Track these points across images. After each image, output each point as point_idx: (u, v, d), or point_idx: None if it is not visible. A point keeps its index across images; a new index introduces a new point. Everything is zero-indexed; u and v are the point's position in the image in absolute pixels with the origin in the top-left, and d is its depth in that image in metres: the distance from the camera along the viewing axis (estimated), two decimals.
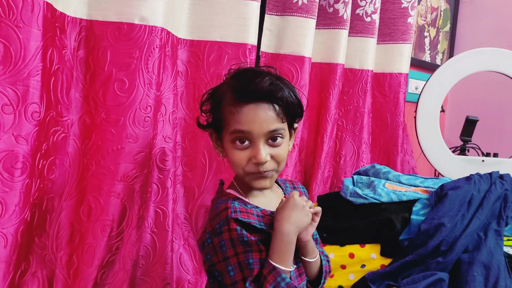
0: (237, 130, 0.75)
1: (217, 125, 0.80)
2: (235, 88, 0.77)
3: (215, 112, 0.80)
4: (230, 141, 0.76)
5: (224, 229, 0.74)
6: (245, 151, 0.76)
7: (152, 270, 0.99)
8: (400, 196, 1.16)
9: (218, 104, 0.79)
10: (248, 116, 0.74)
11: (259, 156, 0.74)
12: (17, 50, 0.77)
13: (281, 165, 0.80)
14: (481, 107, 2.12)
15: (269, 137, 0.76)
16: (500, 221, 1.09)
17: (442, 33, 2.27)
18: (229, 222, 0.74)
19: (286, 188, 0.90)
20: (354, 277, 1.07)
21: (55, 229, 0.92)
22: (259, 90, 0.74)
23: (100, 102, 0.94)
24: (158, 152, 0.99)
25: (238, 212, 0.75)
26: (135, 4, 0.93)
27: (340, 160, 1.57)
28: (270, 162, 0.77)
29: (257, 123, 0.74)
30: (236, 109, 0.75)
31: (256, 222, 0.76)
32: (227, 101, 0.77)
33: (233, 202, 0.77)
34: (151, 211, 0.99)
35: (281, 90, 0.76)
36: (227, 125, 0.76)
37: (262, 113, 0.75)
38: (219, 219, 0.75)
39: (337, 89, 1.47)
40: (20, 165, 0.78)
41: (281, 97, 0.76)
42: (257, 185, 0.78)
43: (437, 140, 1.59)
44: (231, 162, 0.79)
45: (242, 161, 0.76)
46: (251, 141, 0.75)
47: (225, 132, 0.77)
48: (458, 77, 1.59)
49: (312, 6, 1.30)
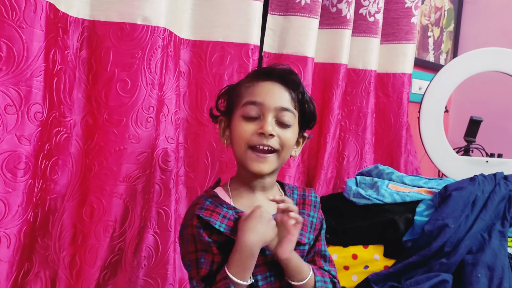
0: (249, 101, 0.77)
1: (230, 107, 0.81)
2: (253, 71, 0.83)
3: (229, 96, 0.82)
4: (240, 114, 0.77)
5: (188, 224, 0.76)
6: (253, 123, 0.76)
7: (155, 270, 0.99)
8: (403, 197, 1.16)
9: (235, 86, 0.82)
10: (263, 89, 0.77)
11: (266, 126, 0.75)
12: (20, 50, 0.77)
13: (285, 150, 0.78)
14: (485, 107, 2.10)
15: (279, 116, 0.77)
16: (504, 222, 1.08)
17: (446, 33, 2.26)
18: (193, 217, 0.75)
19: (292, 195, 0.86)
20: (357, 278, 1.07)
21: (57, 229, 0.92)
22: (276, 71, 0.79)
23: (102, 103, 0.94)
24: (161, 153, 0.99)
25: (203, 209, 0.75)
26: (138, 4, 0.93)
27: (343, 160, 1.57)
28: (275, 139, 0.76)
29: (270, 96, 0.77)
30: (252, 83, 0.79)
31: (217, 223, 0.74)
32: (244, 81, 0.81)
33: (206, 199, 0.77)
34: (153, 211, 0.99)
35: (296, 77, 0.80)
36: (241, 99, 0.78)
37: (277, 89, 0.78)
38: (189, 213, 0.78)
39: (340, 89, 1.47)
40: (23, 166, 0.78)
41: (295, 82, 0.79)
42: (254, 167, 0.76)
43: (440, 140, 1.59)
44: (235, 135, 0.77)
45: (247, 131, 0.76)
46: (262, 115, 0.76)
47: (237, 109, 0.78)
48: (462, 77, 1.59)
49: (315, 6, 1.30)
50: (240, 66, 1.11)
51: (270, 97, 0.76)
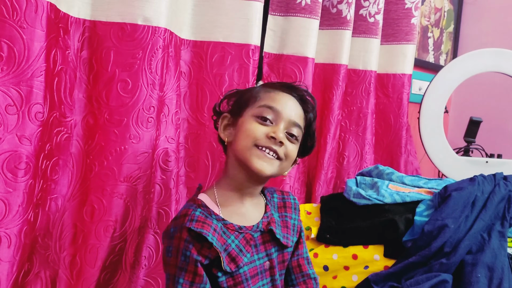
0: (268, 105, 0.79)
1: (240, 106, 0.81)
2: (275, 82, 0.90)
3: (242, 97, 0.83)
4: (253, 114, 0.78)
5: (176, 236, 0.73)
6: (265, 127, 0.77)
7: (155, 271, 0.99)
8: (403, 197, 1.16)
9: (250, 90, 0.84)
10: (282, 98, 0.80)
11: (278, 132, 0.77)
12: (21, 50, 0.77)
13: (287, 161, 0.79)
14: (485, 108, 2.11)
15: (291, 128, 0.79)
16: (504, 223, 1.08)
17: (445, 34, 2.27)
18: (182, 230, 0.72)
19: (273, 198, 0.87)
20: (357, 278, 1.07)
21: (58, 229, 0.93)
22: (297, 88, 0.83)
23: (103, 103, 0.94)
24: (161, 153, 0.99)
25: (194, 221, 0.72)
26: (138, 4, 0.93)
27: (343, 161, 1.57)
28: (282, 148, 0.78)
29: (288, 107, 0.80)
30: (274, 90, 0.82)
31: (209, 234, 0.72)
32: (265, 86, 0.84)
33: (196, 209, 0.75)
34: (154, 211, 0.99)
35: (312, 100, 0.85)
36: (258, 100, 0.80)
37: (294, 104, 0.81)
38: (176, 224, 0.74)
39: (340, 89, 1.47)
40: (24, 166, 0.78)
41: (311, 104, 0.84)
42: (257, 165, 0.75)
43: (440, 141, 1.59)
44: (244, 131, 0.77)
45: (258, 132, 0.76)
46: (274, 122, 0.78)
47: (251, 107, 0.80)
48: (462, 78, 1.59)
49: (315, 6, 1.30)
50: (241, 67, 1.11)
51: (287, 108, 0.79)
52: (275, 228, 0.81)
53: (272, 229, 0.80)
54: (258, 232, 0.79)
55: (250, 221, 0.79)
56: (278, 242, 0.81)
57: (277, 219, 0.83)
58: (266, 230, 0.80)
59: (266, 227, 0.80)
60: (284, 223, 0.84)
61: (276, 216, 0.84)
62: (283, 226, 0.84)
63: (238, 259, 0.75)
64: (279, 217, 0.85)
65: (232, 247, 0.75)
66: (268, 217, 0.82)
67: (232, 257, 0.74)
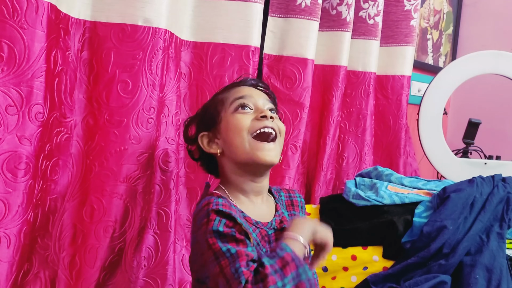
0: (237, 96, 0.80)
1: (211, 119, 0.82)
2: (228, 84, 0.88)
3: (206, 112, 0.84)
4: (232, 111, 0.79)
5: (203, 222, 0.70)
6: (249, 114, 0.79)
7: (154, 271, 0.99)
8: (402, 199, 1.16)
9: (210, 103, 0.85)
10: (244, 89, 0.83)
11: (265, 111, 0.78)
12: (21, 51, 0.77)
13: (281, 136, 0.81)
14: (483, 109, 2.11)
15: (268, 106, 0.81)
16: (503, 224, 1.09)
17: (445, 36, 2.27)
18: (209, 214, 0.70)
19: (280, 197, 0.88)
20: (356, 279, 1.07)
21: (57, 230, 0.93)
22: (252, 79, 0.87)
23: (103, 103, 0.94)
24: (161, 154, 1.00)
25: (220, 205, 0.71)
26: (139, 5, 0.93)
27: (343, 162, 1.57)
28: (276, 122, 0.79)
29: (254, 92, 0.82)
30: (232, 87, 0.84)
31: (237, 217, 0.70)
32: (220, 93, 0.85)
33: (217, 198, 0.73)
34: (153, 212, 0.99)
35: (266, 84, 0.88)
36: (225, 101, 0.81)
37: (255, 90, 0.84)
38: (201, 214, 0.72)
39: (339, 91, 1.47)
40: (24, 166, 0.78)
41: (267, 86, 0.87)
42: (266, 156, 0.76)
43: (439, 142, 1.59)
44: (233, 129, 0.78)
45: (246, 121, 0.78)
46: (254, 106, 0.80)
47: (224, 111, 0.80)
48: (461, 80, 1.59)
49: (315, 8, 1.30)
50: (241, 68, 1.12)
51: (254, 93, 0.82)
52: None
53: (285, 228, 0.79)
54: (272, 230, 0.80)
55: (263, 218, 0.80)
56: None
57: (287, 218, 0.85)
58: (279, 228, 0.81)
59: (279, 225, 0.82)
60: None
61: (286, 215, 0.86)
62: None
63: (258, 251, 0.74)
64: (289, 216, 0.86)
65: (254, 237, 0.75)
66: (279, 216, 0.83)
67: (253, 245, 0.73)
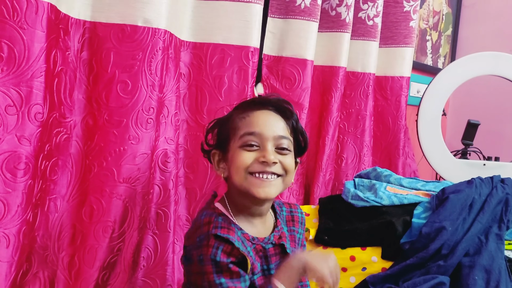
0: (248, 132, 0.77)
1: (224, 140, 0.80)
2: (245, 102, 0.83)
3: (222, 129, 0.82)
4: (239, 146, 0.77)
5: (203, 244, 0.73)
6: (253, 152, 0.77)
7: (153, 271, 1.00)
8: (401, 199, 1.16)
9: (228, 118, 0.82)
10: (259, 119, 0.78)
11: (268, 154, 0.76)
12: (21, 51, 0.77)
13: (289, 175, 0.79)
14: (482, 111, 2.11)
15: (278, 144, 0.78)
16: (501, 225, 1.09)
17: (444, 37, 2.28)
18: (209, 238, 0.73)
19: (282, 212, 0.88)
20: (355, 280, 1.07)
21: (57, 230, 0.93)
22: (270, 100, 0.81)
23: (103, 104, 0.94)
24: (160, 154, 1.00)
25: (219, 228, 0.73)
26: (139, 6, 0.93)
27: (342, 163, 1.57)
28: (278, 166, 0.77)
29: (268, 125, 0.78)
30: (247, 113, 0.79)
31: (235, 240, 0.73)
32: (238, 112, 0.81)
33: (217, 217, 0.76)
34: (152, 212, 0.99)
35: (290, 106, 0.82)
36: (237, 131, 0.78)
37: (272, 118, 0.79)
38: (201, 232, 0.75)
39: (339, 92, 1.47)
40: (23, 166, 0.78)
41: (289, 111, 0.81)
42: (260, 193, 0.76)
43: (438, 143, 1.59)
44: (234, 164, 0.77)
45: (248, 159, 0.76)
46: (260, 145, 0.77)
47: (234, 140, 0.78)
48: (460, 81, 1.59)
49: (314, 9, 1.31)
50: (240, 69, 1.12)
51: (267, 126, 0.77)
52: (286, 243, 0.83)
53: (283, 244, 0.83)
54: (270, 245, 0.81)
55: (260, 233, 0.82)
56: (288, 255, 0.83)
57: (286, 233, 0.86)
58: (278, 243, 0.83)
59: (277, 240, 0.83)
60: (292, 238, 0.87)
61: (285, 230, 0.86)
62: (291, 241, 0.87)
63: (254, 267, 0.77)
64: (288, 231, 0.87)
65: (251, 254, 0.77)
66: (279, 231, 0.84)
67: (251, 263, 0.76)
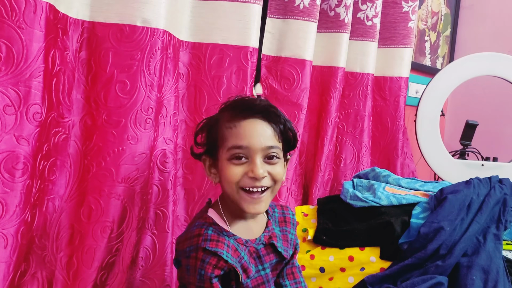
0: (235, 145, 0.75)
1: (212, 147, 0.79)
2: (231, 106, 0.80)
3: (210, 134, 0.80)
4: (227, 158, 0.76)
5: (192, 255, 0.75)
6: (242, 166, 0.76)
7: (152, 272, 0.99)
8: (399, 200, 1.16)
9: (215, 124, 0.80)
10: (246, 130, 0.76)
11: (256, 170, 0.74)
12: (19, 51, 0.77)
13: (277, 184, 0.79)
14: (481, 111, 2.12)
15: (266, 154, 0.77)
16: (499, 225, 1.09)
17: (442, 38, 2.28)
18: (198, 250, 0.74)
19: (274, 213, 0.89)
20: (353, 280, 1.07)
21: (55, 230, 0.92)
22: (256, 106, 0.78)
23: (101, 104, 0.94)
24: (159, 154, 1.00)
25: (208, 241, 0.74)
26: (137, 6, 0.93)
27: (340, 163, 1.57)
28: (267, 178, 0.77)
29: (255, 137, 0.75)
30: (233, 123, 0.77)
31: (224, 253, 0.74)
32: (224, 119, 0.78)
33: (208, 228, 0.76)
34: (151, 212, 0.99)
35: (276, 110, 0.80)
36: (224, 141, 0.77)
37: (260, 128, 0.77)
38: (190, 243, 0.76)
39: (337, 92, 1.47)
40: (21, 166, 0.78)
41: (276, 116, 0.79)
42: (250, 210, 0.76)
43: (437, 144, 1.60)
44: (224, 177, 0.77)
45: (237, 174, 0.75)
46: (249, 157, 0.76)
47: (222, 151, 0.77)
48: (458, 82, 1.60)
49: (313, 9, 1.31)
50: (239, 69, 1.12)
51: (255, 138, 0.75)
52: (277, 242, 0.84)
53: (273, 243, 0.84)
54: (261, 245, 0.83)
55: (253, 235, 0.82)
56: (280, 254, 0.85)
57: (278, 233, 0.87)
58: (268, 243, 0.83)
59: (268, 240, 0.84)
60: (285, 237, 0.88)
61: (277, 231, 0.87)
62: (284, 240, 0.87)
63: (249, 271, 0.78)
64: (280, 231, 0.88)
65: (245, 259, 0.78)
66: (269, 231, 0.85)
67: (244, 269, 0.78)
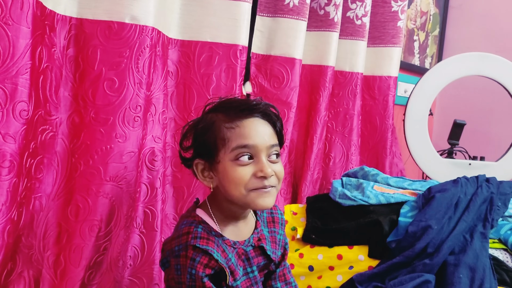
0: (241, 145, 0.74)
1: (208, 150, 0.77)
2: (227, 107, 0.78)
3: (206, 137, 0.77)
4: (231, 159, 0.75)
5: (181, 254, 0.74)
6: (248, 166, 0.75)
7: (140, 270, 0.99)
8: (388, 198, 1.17)
9: (211, 126, 0.77)
10: (250, 129, 0.75)
11: (265, 168, 0.74)
12: (6, 48, 0.76)
13: (280, 183, 0.79)
14: (468, 111, 2.14)
15: (269, 153, 0.77)
16: (486, 224, 1.10)
17: (431, 37, 2.30)
18: (187, 248, 0.73)
19: (262, 213, 0.88)
20: (342, 278, 1.08)
21: (42, 228, 0.92)
22: (256, 106, 0.77)
23: (89, 101, 0.93)
24: (148, 152, 0.99)
25: (198, 239, 0.74)
26: (126, 3, 0.92)
27: (330, 162, 1.58)
28: (274, 177, 0.77)
29: (259, 135, 0.75)
30: (235, 123, 0.76)
31: (214, 251, 0.74)
32: (222, 121, 0.77)
33: (197, 226, 0.76)
34: (139, 211, 0.98)
35: (276, 109, 0.81)
36: (227, 142, 0.75)
37: (261, 126, 0.77)
38: (179, 242, 0.75)
39: (327, 91, 1.48)
40: (8, 164, 0.77)
41: (275, 115, 0.80)
42: (262, 203, 0.75)
43: (425, 143, 1.61)
44: (231, 180, 0.75)
45: (246, 176, 0.74)
46: (254, 157, 0.75)
47: (224, 152, 0.75)
48: (447, 81, 1.61)
49: (303, 8, 1.31)
50: (228, 67, 1.11)
51: (259, 137, 0.75)
52: (266, 245, 0.84)
53: (263, 246, 0.83)
54: (250, 247, 0.82)
55: (241, 237, 0.82)
56: (268, 257, 0.85)
57: (266, 235, 0.86)
58: (257, 245, 0.83)
59: (257, 242, 0.83)
60: (273, 239, 0.87)
61: (265, 232, 0.87)
62: (272, 242, 0.87)
63: (236, 273, 0.77)
64: (269, 233, 0.87)
65: (232, 261, 0.77)
66: (258, 233, 0.84)
67: (231, 271, 0.77)
